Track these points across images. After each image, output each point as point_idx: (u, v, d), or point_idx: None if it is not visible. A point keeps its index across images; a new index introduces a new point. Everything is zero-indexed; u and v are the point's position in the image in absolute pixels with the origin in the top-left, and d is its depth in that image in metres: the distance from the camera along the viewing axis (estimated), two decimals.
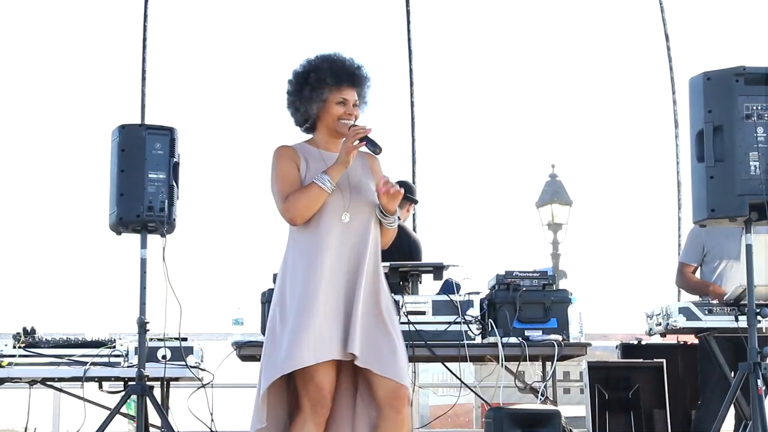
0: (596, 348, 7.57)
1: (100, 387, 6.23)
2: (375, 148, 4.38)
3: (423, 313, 6.10)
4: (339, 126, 4.45)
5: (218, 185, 10.25)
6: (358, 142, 4.34)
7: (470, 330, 6.24)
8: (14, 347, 6.00)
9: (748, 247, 5.17)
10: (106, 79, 10.19)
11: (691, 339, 6.74)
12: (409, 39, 10.15)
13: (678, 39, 10.26)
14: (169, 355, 6.01)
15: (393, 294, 4.73)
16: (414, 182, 9.76)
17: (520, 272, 6.46)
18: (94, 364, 5.98)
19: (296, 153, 4.47)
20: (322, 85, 4.44)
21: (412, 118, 10.22)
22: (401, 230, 6.00)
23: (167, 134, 5.71)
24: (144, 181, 5.60)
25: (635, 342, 7.10)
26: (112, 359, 6.02)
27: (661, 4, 10.28)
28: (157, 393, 5.78)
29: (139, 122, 7.92)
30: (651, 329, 6.43)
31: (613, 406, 6.53)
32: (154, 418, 5.69)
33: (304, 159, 4.45)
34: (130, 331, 5.87)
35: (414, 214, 9.20)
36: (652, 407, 6.53)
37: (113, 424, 5.69)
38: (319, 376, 4.23)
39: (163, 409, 5.73)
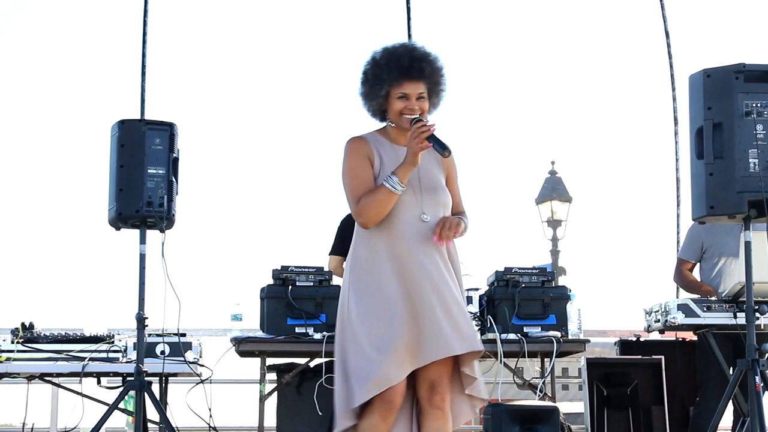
0: (595, 344, 7.58)
1: (99, 382, 6.21)
2: (443, 150, 4.23)
3: None
4: (401, 121, 4.34)
5: (218, 181, 10.25)
6: (425, 142, 4.22)
7: None
8: (13, 342, 5.99)
9: (747, 244, 5.17)
10: (105, 75, 10.18)
11: (690, 336, 6.74)
12: (409, 35, 10.13)
13: (678, 36, 10.26)
14: (167, 351, 6.01)
15: None
16: None
17: (519, 268, 6.47)
18: (92, 359, 5.97)
19: (369, 146, 4.40)
20: (381, 81, 4.34)
21: None
22: None
23: (167, 129, 5.70)
24: (143, 177, 5.59)
25: (634, 338, 7.10)
26: (111, 355, 6.01)
27: (661, 1, 10.27)
28: (155, 388, 5.78)
29: (138, 117, 7.90)
30: (649, 326, 6.43)
31: (611, 403, 6.53)
32: (152, 413, 5.68)
33: (377, 153, 4.39)
34: (129, 327, 5.85)
35: None
36: (651, 404, 6.53)
37: (111, 419, 5.68)
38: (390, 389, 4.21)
39: (161, 405, 5.72)
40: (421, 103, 4.35)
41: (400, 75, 4.33)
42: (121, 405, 5.71)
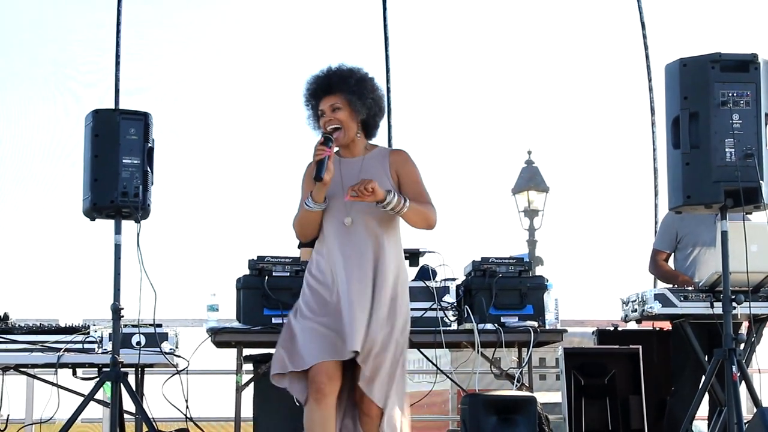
0: (572, 334, 7.57)
1: (74, 373, 6.18)
2: (317, 174, 4.40)
3: None
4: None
5: (194, 170, 10.20)
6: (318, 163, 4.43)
7: (446, 316, 6.24)
8: None
9: (724, 234, 5.18)
10: (80, 64, 10.12)
11: (667, 325, 6.76)
12: (385, 25, 10.11)
13: (654, 26, 10.27)
14: (143, 342, 5.98)
15: None
16: None
17: (496, 258, 6.46)
18: (68, 350, 5.94)
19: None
20: (308, 105, 4.63)
21: (389, 105, 10.19)
22: None
23: (141, 119, 5.67)
24: (118, 167, 5.55)
25: (611, 328, 7.11)
26: (86, 345, 5.98)
27: None
28: (131, 379, 5.75)
29: (113, 107, 7.86)
30: (627, 315, 6.44)
31: (589, 393, 6.54)
32: (128, 404, 5.66)
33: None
34: (105, 318, 5.83)
35: None
36: (628, 393, 6.55)
37: (87, 410, 5.66)
38: (313, 371, 4.39)
39: (137, 396, 5.70)
40: (337, 114, 4.57)
41: (314, 94, 4.61)
42: (98, 396, 5.68)
